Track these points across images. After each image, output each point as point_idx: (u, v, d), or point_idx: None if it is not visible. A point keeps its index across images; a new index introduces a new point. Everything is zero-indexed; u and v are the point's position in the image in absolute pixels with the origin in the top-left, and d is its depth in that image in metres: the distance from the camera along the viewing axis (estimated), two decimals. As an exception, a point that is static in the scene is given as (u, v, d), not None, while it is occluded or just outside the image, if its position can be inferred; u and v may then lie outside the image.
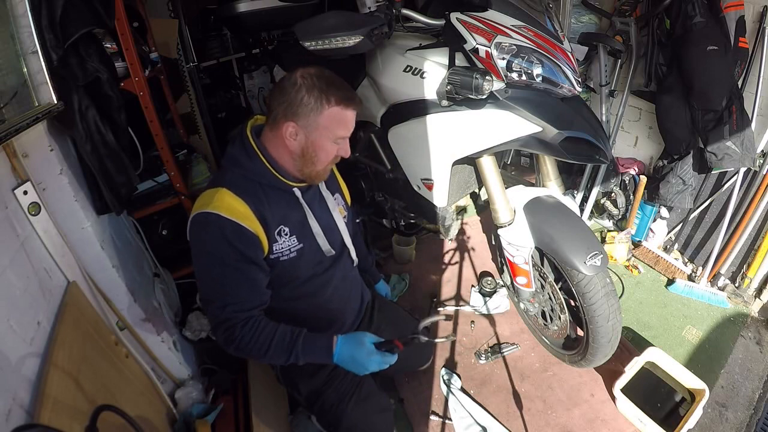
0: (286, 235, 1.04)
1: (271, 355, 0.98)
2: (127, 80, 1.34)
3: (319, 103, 0.94)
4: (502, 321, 1.80)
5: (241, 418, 1.40)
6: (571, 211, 1.29)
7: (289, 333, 1.00)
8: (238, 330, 0.96)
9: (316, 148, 0.99)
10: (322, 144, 0.99)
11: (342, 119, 0.98)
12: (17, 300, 0.82)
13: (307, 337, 1.01)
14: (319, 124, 0.96)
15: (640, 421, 1.35)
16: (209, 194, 0.98)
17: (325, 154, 1.01)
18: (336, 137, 0.99)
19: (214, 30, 2.66)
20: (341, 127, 0.99)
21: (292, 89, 0.94)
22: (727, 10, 1.54)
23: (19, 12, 0.90)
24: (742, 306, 1.81)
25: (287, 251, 1.04)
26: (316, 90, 0.94)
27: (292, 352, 0.98)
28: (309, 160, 1.00)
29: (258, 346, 0.97)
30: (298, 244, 1.06)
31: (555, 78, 1.11)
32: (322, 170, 1.05)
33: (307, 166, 1.02)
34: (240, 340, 0.96)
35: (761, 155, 1.66)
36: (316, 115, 0.95)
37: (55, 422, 0.71)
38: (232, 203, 0.96)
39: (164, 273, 1.62)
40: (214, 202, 0.95)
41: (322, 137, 0.98)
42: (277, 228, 1.02)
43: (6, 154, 0.91)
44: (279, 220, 1.02)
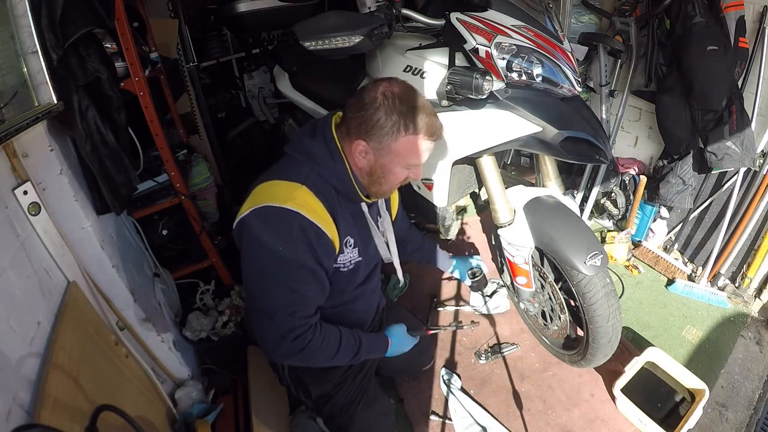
0: (350, 247, 1.00)
1: (337, 359, 0.99)
2: (127, 80, 1.34)
3: (396, 128, 0.88)
4: (502, 321, 1.80)
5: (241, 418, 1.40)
6: (571, 211, 1.29)
7: (351, 336, 1.02)
8: (308, 336, 0.92)
9: (385, 171, 0.94)
10: (391, 168, 0.94)
11: (416, 148, 0.92)
12: (17, 300, 0.82)
13: (367, 338, 1.06)
14: (392, 149, 0.90)
15: (640, 421, 1.35)
16: (286, 188, 0.89)
17: (394, 177, 0.96)
18: (408, 164, 0.94)
19: (214, 30, 2.66)
20: (414, 156, 0.93)
21: (371, 107, 0.88)
22: (727, 10, 1.54)
23: (19, 12, 0.90)
24: (742, 306, 1.81)
25: (348, 263, 1.02)
26: (395, 114, 0.87)
27: (357, 354, 1.02)
28: (376, 180, 0.96)
29: (328, 351, 0.96)
30: (359, 257, 1.03)
31: (555, 78, 1.11)
32: (388, 190, 1.00)
33: (373, 185, 0.97)
34: (310, 347, 0.92)
35: (761, 155, 1.66)
36: (390, 140, 0.89)
37: (55, 422, 0.71)
38: (314, 205, 0.89)
39: (164, 273, 1.63)
40: (295, 198, 0.87)
41: (393, 162, 0.93)
42: (345, 238, 0.98)
43: (6, 154, 0.91)
44: (347, 231, 0.98)
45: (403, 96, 0.89)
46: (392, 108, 0.87)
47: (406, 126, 0.88)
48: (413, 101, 0.90)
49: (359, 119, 0.89)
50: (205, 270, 1.77)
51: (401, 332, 1.17)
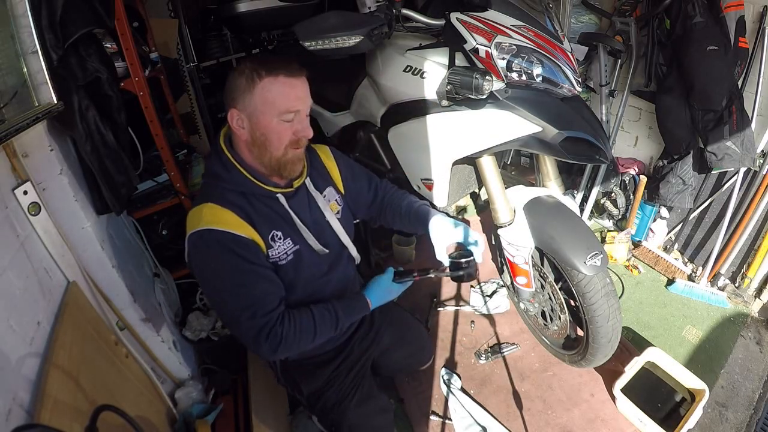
0: (280, 240, 1.01)
1: (320, 336, 1.01)
2: (127, 80, 1.34)
3: (250, 80, 0.89)
4: (502, 321, 1.80)
5: (241, 418, 1.41)
6: (571, 211, 1.29)
7: (325, 310, 1.03)
8: (279, 329, 0.94)
9: (263, 130, 0.93)
10: (266, 124, 0.92)
11: (278, 90, 0.90)
12: (17, 300, 0.82)
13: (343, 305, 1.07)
14: (256, 101, 0.90)
15: (640, 421, 1.35)
16: (196, 212, 0.95)
17: (277, 136, 0.93)
18: (280, 112, 0.91)
19: (214, 30, 2.66)
20: (281, 100, 0.91)
21: (230, 78, 0.92)
22: (727, 10, 1.54)
23: (19, 12, 0.91)
24: (742, 306, 1.81)
25: (284, 255, 1.02)
26: (247, 69, 0.90)
27: (337, 324, 1.04)
28: (262, 146, 0.94)
29: (305, 334, 0.98)
30: (294, 246, 1.03)
31: (555, 78, 1.11)
32: (284, 157, 0.96)
33: (263, 154, 0.95)
34: (286, 338, 0.95)
35: (761, 155, 1.66)
36: (251, 93, 0.90)
37: (55, 422, 0.71)
38: (220, 215, 0.93)
39: (164, 273, 1.63)
40: (203, 218, 0.93)
41: (264, 116, 0.91)
42: (270, 233, 1.00)
43: (6, 154, 0.91)
44: (270, 226, 1.00)
45: (260, 60, 0.92)
46: (244, 67, 0.91)
47: (258, 73, 0.89)
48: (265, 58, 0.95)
49: (228, 94, 0.93)
50: (205, 270, 1.76)
51: (382, 284, 1.14)
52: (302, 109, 0.95)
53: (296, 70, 0.93)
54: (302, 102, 0.94)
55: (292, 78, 0.92)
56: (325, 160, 1.18)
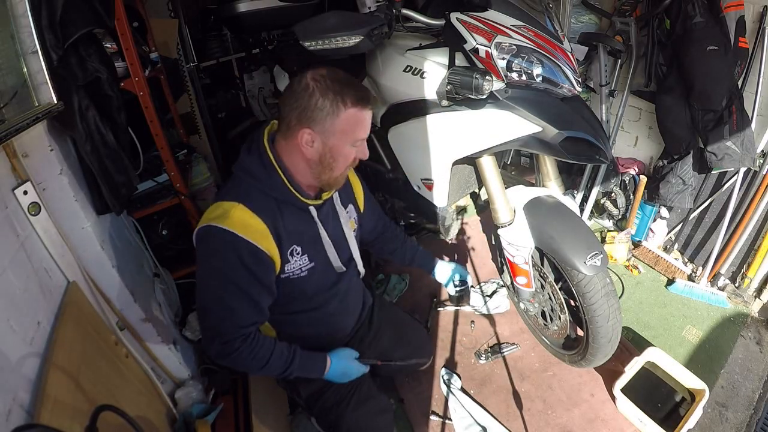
0: (298, 255, 1.01)
1: (267, 370, 1.00)
2: (127, 80, 1.34)
3: (335, 106, 0.89)
4: (502, 321, 1.80)
5: (241, 418, 1.41)
6: (571, 211, 1.29)
7: (286, 350, 1.03)
8: (236, 345, 0.95)
9: (335, 153, 0.95)
10: (340, 149, 0.95)
11: (360, 121, 0.94)
12: (17, 300, 0.82)
13: (303, 355, 1.05)
14: (337, 128, 0.91)
15: (640, 421, 1.35)
16: (224, 207, 0.93)
17: (344, 159, 0.97)
18: (354, 140, 0.95)
19: (214, 30, 2.67)
20: (360, 129, 0.95)
21: (305, 94, 0.89)
22: (727, 10, 1.54)
23: (19, 12, 0.91)
24: (742, 306, 1.81)
25: (298, 270, 1.02)
26: (331, 93, 0.89)
27: (287, 369, 1.02)
28: (327, 166, 0.96)
29: (255, 362, 0.98)
30: (310, 263, 1.04)
31: (555, 78, 1.11)
32: (340, 176, 1.01)
33: (324, 173, 0.97)
34: (237, 355, 0.95)
35: (761, 155, 1.65)
36: (333, 119, 0.90)
37: (55, 422, 0.71)
38: (249, 221, 0.92)
39: (164, 273, 1.63)
40: (230, 217, 0.91)
41: (341, 142, 0.94)
42: (290, 248, 1.00)
43: (6, 154, 0.91)
44: (293, 239, 1.00)
45: (333, 76, 0.91)
46: (326, 88, 0.89)
47: (344, 101, 0.90)
48: (343, 78, 0.92)
49: (297, 110, 0.91)
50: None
51: (346, 356, 1.13)
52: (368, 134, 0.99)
53: (373, 98, 0.96)
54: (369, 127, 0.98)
55: (370, 110, 0.95)
56: (351, 177, 1.21)
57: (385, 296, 1.93)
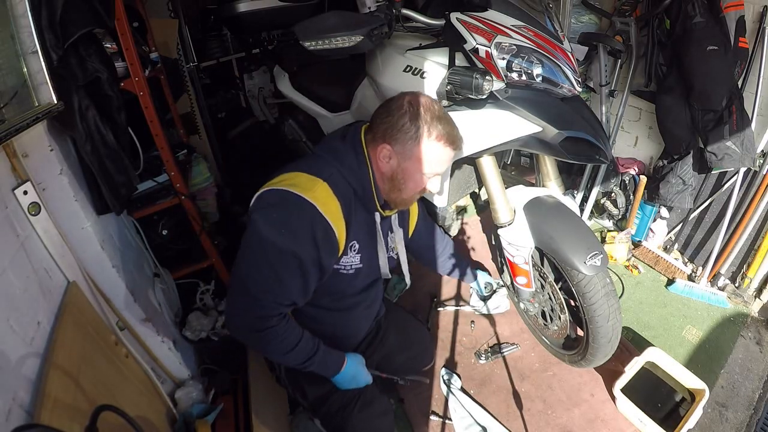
0: (354, 251, 1.03)
1: (288, 357, 0.99)
2: (127, 80, 1.34)
3: (420, 133, 0.92)
4: (502, 321, 1.80)
5: (241, 418, 1.40)
6: (571, 211, 1.29)
7: (311, 341, 1.02)
8: (272, 321, 0.93)
9: (406, 176, 0.97)
10: (412, 174, 0.97)
11: (439, 156, 0.96)
12: (17, 300, 0.82)
13: (325, 351, 1.05)
14: (414, 154, 0.94)
15: (640, 421, 1.35)
16: (307, 180, 0.92)
17: (414, 185, 0.99)
18: (429, 172, 0.98)
19: (214, 30, 2.66)
20: (436, 163, 0.97)
21: (397, 113, 0.93)
22: (727, 10, 1.54)
23: (19, 12, 0.91)
24: (742, 306, 1.81)
25: (349, 266, 1.03)
26: (420, 121, 0.92)
27: (308, 361, 1.01)
28: (396, 186, 0.99)
29: (282, 345, 0.96)
30: (360, 264, 1.05)
31: (555, 78, 1.11)
32: (408, 199, 1.03)
33: (393, 191, 1.00)
34: (267, 333, 0.93)
35: (761, 155, 1.66)
36: (413, 144, 0.93)
37: (55, 422, 0.71)
38: (330, 201, 0.92)
39: (164, 273, 1.62)
40: (314, 190, 0.90)
41: (414, 168, 0.96)
42: (352, 242, 1.01)
43: (6, 154, 0.91)
44: (355, 235, 1.01)
45: (428, 106, 0.94)
46: (417, 115, 0.92)
47: (429, 132, 0.93)
48: (437, 112, 0.95)
49: (386, 124, 0.94)
50: (205, 270, 1.77)
51: (359, 362, 1.15)
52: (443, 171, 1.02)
53: (460, 141, 0.99)
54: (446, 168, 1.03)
55: (454, 149, 0.97)
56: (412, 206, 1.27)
57: (385, 295, 1.93)
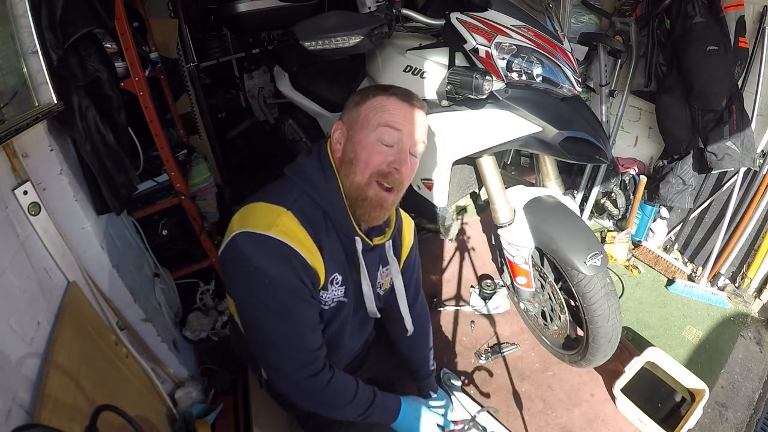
0: (336, 285, 0.90)
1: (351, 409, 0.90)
2: (127, 80, 1.34)
3: (365, 96, 0.88)
4: (502, 321, 1.80)
5: (241, 418, 1.40)
6: (571, 211, 1.29)
7: (369, 391, 0.93)
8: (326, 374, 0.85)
9: (356, 144, 0.85)
10: (362, 138, 0.84)
11: (385, 105, 0.85)
12: (17, 300, 0.82)
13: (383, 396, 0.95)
14: (360, 112, 0.86)
15: (640, 421, 1.35)
16: (271, 212, 0.81)
17: (367, 155, 0.84)
18: (379, 124, 0.84)
19: (214, 30, 2.66)
20: (384, 113, 0.84)
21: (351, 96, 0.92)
22: (727, 10, 1.54)
23: (19, 12, 0.90)
24: (742, 306, 1.81)
25: (331, 301, 0.91)
26: (368, 90, 0.90)
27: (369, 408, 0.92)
28: (349, 164, 0.86)
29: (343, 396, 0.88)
30: (344, 297, 0.93)
31: (555, 78, 1.11)
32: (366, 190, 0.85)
33: (348, 175, 0.86)
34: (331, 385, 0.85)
35: (761, 155, 1.66)
36: (358, 107, 0.87)
37: (55, 422, 0.71)
38: (298, 233, 0.81)
39: (164, 273, 1.62)
40: (277, 225, 0.79)
41: (363, 129, 0.85)
42: (332, 275, 0.89)
43: (6, 154, 0.91)
44: (334, 267, 0.89)
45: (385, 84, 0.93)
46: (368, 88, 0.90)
47: (375, 92, 0.88)
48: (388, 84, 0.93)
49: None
50: (205, 270, 1.77)
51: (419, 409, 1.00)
52: (405, 138, 0.85)
53: (415, 98, 0.89)
54: (407, 129, 0.85)
55: (405, 102, 0.86)
56: (406, 232, 1.10)
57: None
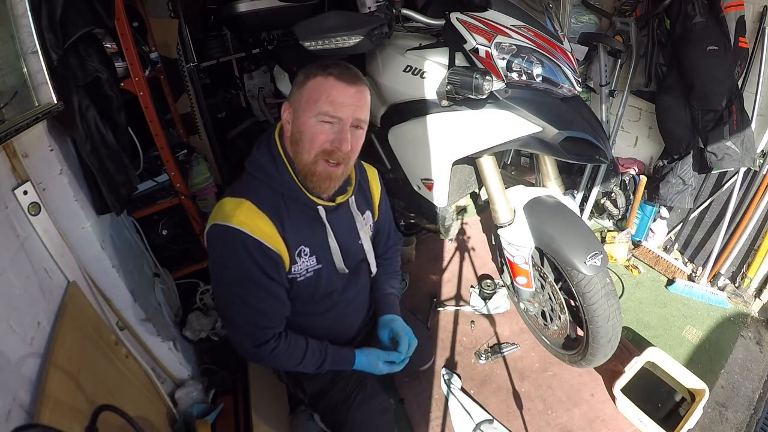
0: (305, 256, 0.99)
1: (302, 367, 1.03)
2: (127, 80, 1.34)
3: (306, 76, 0.89)
4: (502, 321, 1.80)
5: (241, 418, 1.41)
6: (571, 211, 1.29)
7: (317, 348, 1.05)
8: (271, 345, 0.97)
9: (300, 126, 0.90)
10: (305, 120, 0.89)
11: (323, 89, 0.87)
12: (17, 300, 0.82)
13: (333, 350, 1.07)
14: (302, 95, 0.89)
15: (640, 421, 1.35)
16: (231, 204, 0.92)
17: (310, 137, 0.90)
18: (318, 111, 0.88)
19: (214, 30, 2.66)
20: (322, 99, 0.87)
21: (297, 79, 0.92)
22: (727, 10, 1.54)
23: (19, 12, 0.91)
24: (742, 306, 1.81)
25: (305, 272, 1.00)
26: (310, 68, 0.90)
27: (322, 365, 1.05)
28: (296, 144, 0.92)
29: (292, 360, 1.01)
30: (317, 264, 1.02)
31: (555, 78, 1.11)
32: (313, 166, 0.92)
33: (297, 154, 0.93)
34: (274, 356, 0.98)
35: (761, 155, 1.65)
36: (301, 88, 0.90)
37: (55, 422, 0.71)
38: (255, 219, 0.91)
39: (164, 273, 1.62)
40: (237, 215, 0.90)
41: (305, 112, 0.89)
42: (298, 248, 0.97)
43: (6, 154, 0.91)
44: (300, 240, 0.97)
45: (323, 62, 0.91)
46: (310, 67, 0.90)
47: (314, 72, 0.89)
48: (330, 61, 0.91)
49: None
50: (205, 270, 1.76)
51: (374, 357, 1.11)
52: (345, 117, 0.90)
53: (352, 76, 0.90)
54: (346, 110, 0.89)
55: (343, 82, 0.88)
56: (372, 181, 1.18)
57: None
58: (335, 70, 0.89)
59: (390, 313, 1.18)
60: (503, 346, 1.68)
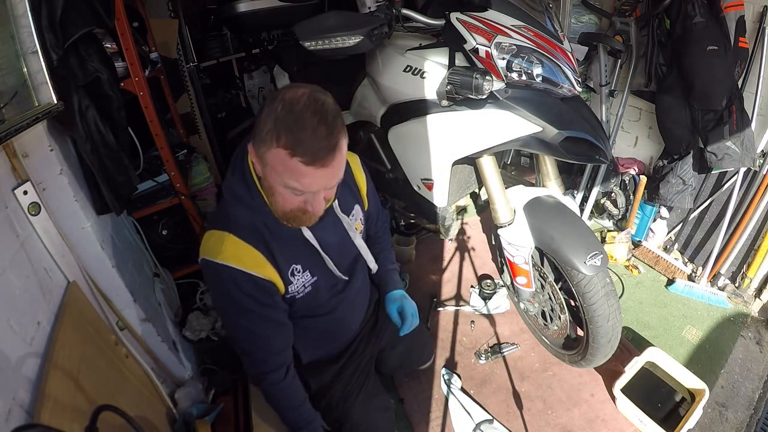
0: (299, 273, 0.98)
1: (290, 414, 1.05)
2: (127, 80, 1.34)
3: (270, 136, 0.74)
4: (502, 321, 1.80)
5: (241, 418, 1.41)
6: (571, 211, 1.29)
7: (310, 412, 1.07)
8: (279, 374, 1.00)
9: (269, 181, 0.81)
10: (273, 185, 0.81)
11: (289, 168, 0.75)
12: (17, 300, 0.82)
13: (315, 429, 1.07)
14: (268, 160, 0.77)
15: (640, 421, 1.35)
16: (217, 239, 0.89)
17: (282, 200, 0.83)
18: (285, 185, 0.78)
19: (214, 30, 2.66)
20: (290, 177, 0.76)
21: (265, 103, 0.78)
22: (727, 10, 1.54)
23: (19, 12, 0.91)
24: (742, 306, 1.81)
25: (302, 288, 0.99)
26: (273, 119, 0.73)
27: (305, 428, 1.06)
28: (267, 191, 0.85)
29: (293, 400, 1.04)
30: (312, 277, 1.01)
31: (555, 78, 1.11)
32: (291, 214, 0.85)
33: (269, 200, 0.86)
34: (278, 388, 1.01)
35: (761, 155, 1.65)
36: (265, 147, 0.76)
37: (55, 422, 0.71)
38: (241, 253, 0.88)
39: (164, 273, 1.63)
40: (223, 252, 0.88)
41: (272, 176, 0.79)
42: (290, 268, 0.96)
43: (6, 154, 0.91)
44: (290, 259, 0.95)
45: (294, 101, 0.73)
46: (274, 111, 0.74)
47: (278, 136, 0.73)
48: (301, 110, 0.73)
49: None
50: (205, 270, 1.76)
51: None
52: (317, 190, 0.81)
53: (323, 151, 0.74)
54: (317, 186, 0.80)
55: (310, 167, 0.74)
56: (356, 171, 1.10)
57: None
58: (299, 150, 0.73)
59: (397, 289, 1.24)
60: (503, 346, 1.68)
